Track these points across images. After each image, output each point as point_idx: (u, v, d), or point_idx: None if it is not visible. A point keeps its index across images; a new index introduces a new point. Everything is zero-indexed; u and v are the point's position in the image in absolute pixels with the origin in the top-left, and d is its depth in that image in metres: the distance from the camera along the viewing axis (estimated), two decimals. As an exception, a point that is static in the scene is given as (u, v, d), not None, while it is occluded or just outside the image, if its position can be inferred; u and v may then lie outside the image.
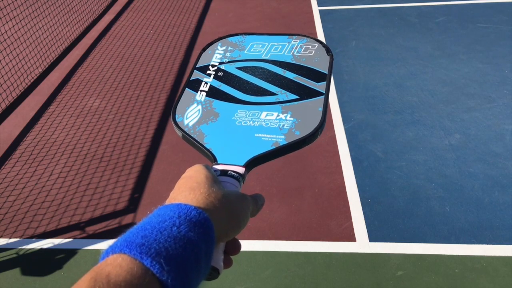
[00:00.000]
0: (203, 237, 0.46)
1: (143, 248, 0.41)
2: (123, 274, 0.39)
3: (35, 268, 2.43)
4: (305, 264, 2.34)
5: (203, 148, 0.68)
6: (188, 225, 0.45)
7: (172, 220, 0.45)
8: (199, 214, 0.47)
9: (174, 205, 0.48)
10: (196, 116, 0.73)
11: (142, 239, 0.42)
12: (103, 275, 0.38)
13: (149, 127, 3.57)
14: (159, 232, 0.43)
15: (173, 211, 0.47)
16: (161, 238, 0.42)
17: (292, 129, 0.67)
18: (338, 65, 4.31)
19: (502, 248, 2.36)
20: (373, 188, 2.82)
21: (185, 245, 0.43)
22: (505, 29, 4.81)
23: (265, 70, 0.80)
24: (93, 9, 5.58)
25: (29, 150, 3.37)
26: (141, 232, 0.43)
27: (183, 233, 0.44)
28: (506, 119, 3.38)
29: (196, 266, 0.44)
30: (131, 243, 0.42)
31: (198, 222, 0.46)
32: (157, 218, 0.46)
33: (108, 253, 0.42)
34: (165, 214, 0.47)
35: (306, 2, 5.94)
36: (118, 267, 0.39)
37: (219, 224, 0.49)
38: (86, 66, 4.61)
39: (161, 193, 2.88)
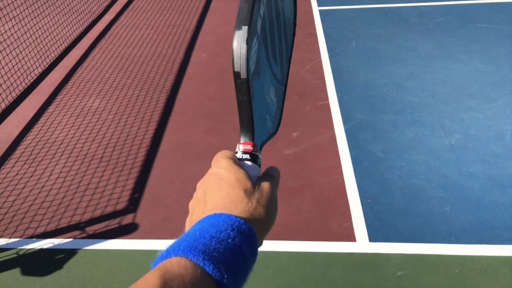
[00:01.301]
0: (252, 251, 0.50)
1: (205, 255, 0.45)
2: (189, 277, 0.42)
3: (35, 268, 2.43)
4: (305, 264, 2.34)
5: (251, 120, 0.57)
6: (241, 238, 0.49)
7: (227, 232, 0.49)
8: (249, 229, 0.51)
9: (226, 216, 0.51)
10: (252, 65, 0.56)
11: (203, 246, 0.46)
12: (171, 273, 0.42)
13: (149, 127, 3.57)
14: (217, 242, 0.47)
15: (226, 223, 0.50)
16: (220, 248, 0.47)
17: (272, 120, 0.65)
18: (338, 65, 4.31)
19: (502, 248, 2.36)
20: (373, 188, 2.82)
21: (239, 257, 0.48)
22: (505, 29, 4.81)
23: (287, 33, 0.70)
24: (93, 9, 5.58)
25: (29, 150, 3.37)
26: (201, 240, 0.47)
27: (237, 245, 0.48)
28: (506, 119, 3.38)
29: (244, 276, 0.48)
30: (194, 249, 0.46)
31: (248, 236, 0.50)
32: (213, 228, 0.49)
33: (170, 254, 0.46)
34: (219, 224, 0.50)
35: (306, 2, 5.94)
36: (183, 269, 0.43)
37: (259, 233, 0.53)
38: (86, 66, 4.61)
39: (161, 193, 2.88)
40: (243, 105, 0.54)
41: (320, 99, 3.80)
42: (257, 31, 0.55)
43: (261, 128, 0.60)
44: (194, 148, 3.30)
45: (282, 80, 0.70)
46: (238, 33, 0.52)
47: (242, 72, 0.52)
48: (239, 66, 0.52)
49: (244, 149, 0.58)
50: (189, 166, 3.12)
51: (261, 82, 0.58)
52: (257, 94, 0.57)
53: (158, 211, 2.74)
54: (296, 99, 3.80)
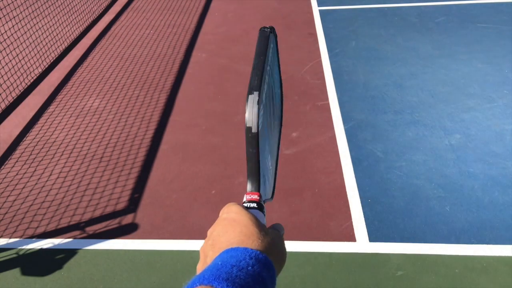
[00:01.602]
0: (270, 278, 0.53)
1: (228, 282, 0.48)
2: None
3: (35, 268, 2.43)
4: (305, 264, 2.34)
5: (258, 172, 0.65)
6: (260, 266, 0.52)
7: (246, 261, 0.52)
8: (265, 258, 0.54)
9: (243, 249, 0.54)
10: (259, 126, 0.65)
11: (226, 274, 0.49)
12: None
13: (149, 127, 3.57)
14: (238, 270, 0.50)
15: (244, 254, 0.53)
16: (241, 275, 0.49)
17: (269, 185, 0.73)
18: (338, 65, 4.31)
19: (502, 248, 2.36)
20: (373, 188, 2.82)
21: (260, 283, 0.50)
22: (505, 29, 4.81)
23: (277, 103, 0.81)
24: (93, 9, 5.58)
25: (29, 150, 3.37)
26: (223, 269, 0.50)
27: (257, 272, 0.51)
28: (506, 119, 3.38)
29: None
30: (218, 277, 0.48)
31: (266, 264, 0.53)
32: (232, 259, 0.52)
33: (195, 284, 0.48)
34: (237, 255, 0.53)
35: (306, 2, 5.94)
36: None
37: (275, 265, 0.56)
38: (86, 66, 4.61)
39: (161, 193, 2.88)
40: (252, 157, 0.63)
41: (320, 99, 3.80)
42: (263, 101, 0.65)
43: (263, 187, 0.66)
44: (194, 148, 3.30)
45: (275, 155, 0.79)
46: (251, 96, 0.62)
47: (253, 127, 0.62)
48: (251, 122, 0.62)
49: (251, 198, 0.64)
50: (189, 166, 3.12)
51: (263, 146, 0.66)
52: (261, 153, 0.64)
53: (158, 211, 2.74)
54: (296, 99, 3.80)
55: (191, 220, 2.66)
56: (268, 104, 0.71)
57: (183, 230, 2.59)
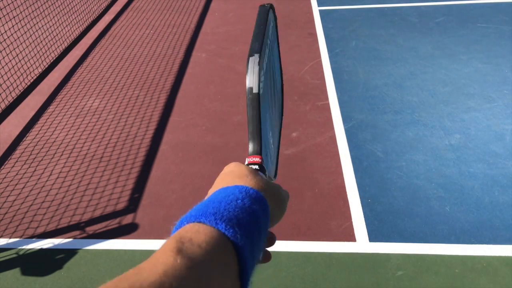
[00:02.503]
0: (263, 212, 0.51)
1: (216, 216, 0.47)
2: (203, 237, 0.44)
3: (35, 268, 2.43)
4: (305, 264, 2.34)
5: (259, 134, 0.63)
6: (250, 199, 0.51)
7: (235, 195, 0.51)
8: (256, 193, 0.53)
9: (233, 186, 0.53)
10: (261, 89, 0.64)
11: (214, 209, 0.48)
12: (186, 238, 0.43)
13: (149, 127, 3.57)
14: (227, 204, 0.49)
15: (234, 189, 0.52)
16: (230, 208, 0.48)
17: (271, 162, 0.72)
18: (338, 65, 4.31)
19: (502, 248, 2.36)
20: (373, 188, 2.82)
21: (250, 215, 0.49)
22: (505, 29, 4.81)
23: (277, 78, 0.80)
24: (93, 9, 5.58)
25: (29, 150, 3.37)
26: (210, 204, 0.49)
27: (247, 205, 0.50)
28: (506, 119, 3.38)
29: (258, 235, 0.49)
30: (205, 213, 0.47)
31: (257, 198, 0.52)
32: (221, 195, 0.51)
33: (183, 223, 0.47)
34: (227, 191, 0.52)
35: (306, 2, 5.94)
36: (197, 233, 0.44)
37: (270, 205, 0.54)
38: (86, 66, 4.61)
39: (161, 193, 2.88)
40: (253, 119, 0.62)
41: (320, 99, 3.80)
42: (263, 68, 0.64)
43: (266, 163, 0.65)
44: (194, 148, 3.30)
45: (277, 136, 0.78)
46: (251, 58, 0.62)
47: (254, 87, 0.61)
48: (252, 82, 0.60)
49: (252, 161, 0.62)
50: (189, 166, 3.12)
51: (264, 114, 0.64)
52: (263, 118, 0.63)
53: (158, 211, 2.74)
54: (296, 99, 3.80)
55: (191, 220, 2.66)
56: (268, 77, 0.71)
57: (183, 230, 2.59)
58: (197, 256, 0.42)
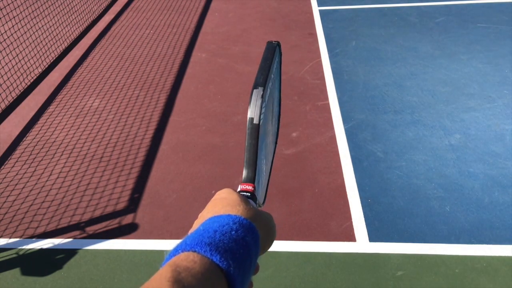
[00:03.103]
0: (254, 242, 0.52)
1: (211, 247, 0.47)
2: (197, 268, 0.44)
3: (35, 268, 2.42)
4: (305, 264, 2.34)
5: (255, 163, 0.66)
6: (243, 230, 0.51)
7: (229, 226, 0.51)
8: (249, 223, 0.53)
9: (226, 215, 0.54)
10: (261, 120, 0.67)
11: (209, 239, 0.48)
12: (181, 267, 0.44)
13: (149, 127, 3.57)
14: (221, 234, 0.49)
15: (227, 219, 0.53)
16: (224, 239, 0.49)
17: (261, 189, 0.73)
18: (338, 65, 4.31)
19: (502, 248, 2.36)
20: (373, 188, 2.82)
21: (243, 247, 0.50)
22: (505, 29, 4.81)
23: None
24: (93, 9, 5.58)
25: (29, 150, 3.37)
26: (205, 234, 0.49)
27: (241, 237, 0.50)
28: (506, 119, 3.38)
29: (249, 265, 0.50)
30: (201, 243, 0.47)
31: (250, 229, 0.53)
32: (215, 224, 0.52)
33: (178, 251, 0.47)
34: (221, 220, 0.52)
35: (306, 2, 5.94)
36: (192, 262, 0.45)
37: (260, 235, 0.55)
38: (86, 66, 4.61)
39: (161, 193, 2.88)
40: (251, 148, 0.65)
41: (320, 99, 3.80)
42: (265, 100, 0.67)
43: (257, 188, 0.67)
44: (194, 148, 3.30)
45: (269, 165, 0.81)
46: (255, 90, 0.65)
47: (255, 118, 0.64)
48: (254, 113, 0.64)
49: (245, 189, 0.65)
50: (189, 166, 3.12)
51: (261, 144, 0.67)
52: (259, 148, 0.65)
53: (158, 211, 2.74)
54: (296, 99, 3.80)
55: (191, 220, 2.64)
56: (268, 110, 0.73)
57: (183, 230, 2.59)
58: (193, 286, 0.42)
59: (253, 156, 0.64)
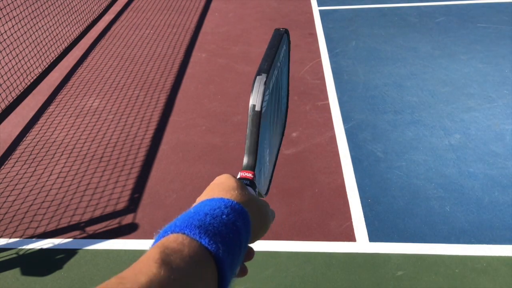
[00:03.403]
0: (245, 227, 0.52)
1: (201, 229, 0.47)
2: (186, 250, 0.44)
3: (35, 268, 2.42)
4: (305, 264, 2.34)
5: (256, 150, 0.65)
6: (234, 215, 0.51)
7: (220, 209, 0.51)
8: (241, 208, 0.53)
9: (218, 199, 0.54)
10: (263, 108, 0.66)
11: (199, 222, 0.48)
12: (170, 249, 0.44)
13: (149, 127, 3.57)
14: (212, 218, 0.49)
15: (219, 202, 0.53)
16: (214, 223, 0.48)
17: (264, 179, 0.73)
18: (338, 65, 4.31)
19: (502, 248, 2.36)
20: (373, 188, 2.82)
21: (233, 231, 0.49)
22: (505, 29, 4.81)
23: None
24: (93, 9, 5.58)
25: (29, 150, 3.37)
26: (196, 216, 0.49)
27: (231, 221, 0.50)
28: (506, 119, 3.38)
29: (239, 250, 0.50)
30: (190, 225, 0.47)
31: (241, 213, 0.52)
32: (207, 207, 0.52)
33: (167, 232, 0.47)
34: (213, 204, 0.52)
35: (306, 2, 5.94)
36: (181, 244, 0.45)
37: (253, 221, 0.55)
38: (86, 66, 4.61)
39: (161, 193, 2.88)
40: (252, 135, 0.64)
41: (320, 99, 3.80)
42: (269, 88, 0.65)
43: (259, 180, 0.67)
44: (194, 148, 3.30)
45: (274, 156, 0.80)
46: (258, 77, 0.63)
47: (257, 105, 0.63)
48: (255, 100, 0.62)
49: (245, 176, 0.64)
50: (189, 166, 3.12)
51: (264, 132, 0.66)
52: (261, 135, 0.65)
53: (158, 211, 2.74)
54: (296, 99, 3.80)
55: (191, 220, 2.66)
56: (274, 98, 0.72)
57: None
58: (181, 268, 0.42)
59: (254, 143, 0.63)
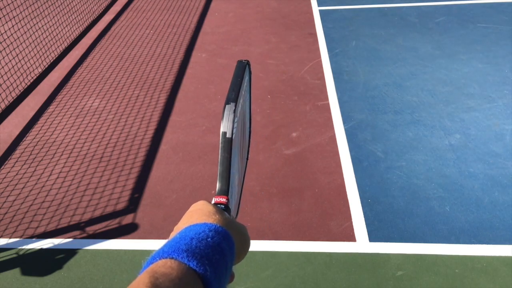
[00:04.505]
0: (229, 249, 0.54)
1: (188, 253, 0.48)
2: (175, 273, 0.45)
3: (35, 268, 2.42)
4: (305, 264, 2.34)
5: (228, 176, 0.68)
6: (219, 237, 0.53)
7: (205, 233, 0.53)
8: (224, 231, 0.55)
9: (202, 224, 0.55)
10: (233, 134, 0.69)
11: (186, 246, 0.50)
12: (159, 273, 0.45)
13: (149, 127, 3.57)
14: (198, 241, 0.51)
15: (203, 226, 0.54)
16: (201, 246, 0.50)
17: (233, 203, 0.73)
18: (338, 65, 4.31)
19: (502, 248, 2.36)
20: (373, 188, 2.82)
21: (219, 253, 0.51)
22: (505, 29, 4.81)
23: None
24: (93, 9, 5.58)
25: (29, 150, 3.37)
26: (182, 241, 0.51)
27: (216, 243, 0.52)
28: (506, 119, 3.38)
29: (225, 271, 0.52)
30: (178, 249, 0.49)
31: (225, 236, 0.54)
32: (192, 232, 0.53)
33: (155, 258, 0.49)
34: (197, 229, 0.54)
35: (306, 2, 5.94)
36: (170, 268, 0.46)
37: (236, 243, 0.57)
38: (86, 66, 4.61)
39: (161, 193, 2.88)
40: (224, 161, 0.67)
41: (320, 99, 3.80)
42: (237, 116, 0.70)
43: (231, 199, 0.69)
44: (194, 148, 3.30)
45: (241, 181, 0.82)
46: (228, 106, 0.68)
47: (228, 132, 0.66)
48: (227, 127, 0.66)
49: (219, 201, 0.66)
50: (189, 166, 3.12)
51: (233, 158, 0.69)
52: (232, 162, 0.67)
53: (158, 211, 2.74)
54: (296, 99, 3.80)
55: (191, 220, 2.65)
56: (239, 125, 0.76)
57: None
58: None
59: (226, 169, 0.67)
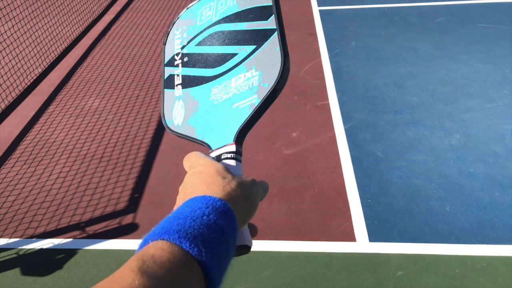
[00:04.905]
0: (229, 225, 0.51)
1: (180, 233, 0.46)
2: (166, 255, 0.43)
3: (35, 268, 2.43)
4: (305, 264, 2.34)
5: (197, 141, 0.71)
6: (216, 214, 0.50)
7: (201, 210, 0.50)
8: (223, 205, 0.51)
9: (200, 197, 0.52)
10: (182, 112, 0.72)
11: (178, 226, 0.47)
12: (149, 255, 0.43)
13: (149, 127, 3.57)
14: (192, 220, 0.48)
15: (200, 202, 0.51)
16: (195, 225, 0.47)
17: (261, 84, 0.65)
18: (338, 65, 4.31)
19: (502, 248, 2.36)
20: (373, 188, 2.82)
21: (215, 231, 0.48)
22: (505, 29, 4.81)
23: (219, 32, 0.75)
24: (93, 9, 5.58)
25: (29, 150, 3.37)
26: (175, 221, 0.48)
27: (213, 221, 0.49)
28: (506, 119, 3.38)
29: (225, 249, 0.49)
30: (169, 230, 0.46)
31: (223, 211, 0.51)
32: (187, 209, 0.50)
33: (147, 241, 0.46)
34: (193, 205, 0.51)
35: (306, 2, 5.94)
36: (160, 250, 0.44)
37: (238, 211, 0.54)
38: (86, 66, 4.61)
39: (161, 193, 2.88)
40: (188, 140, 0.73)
41: (320, 99, 3.80)
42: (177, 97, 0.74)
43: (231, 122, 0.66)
44: (194, 148, 3.29)
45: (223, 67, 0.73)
46: None
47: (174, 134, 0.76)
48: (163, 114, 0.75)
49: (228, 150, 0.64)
50: (189, 166, 3.12)
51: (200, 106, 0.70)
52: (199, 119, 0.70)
53: (158, 211, 2.74)
54: (296, 99, 3.80)
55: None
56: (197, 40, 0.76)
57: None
58: (159, 275, 0.41)
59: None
